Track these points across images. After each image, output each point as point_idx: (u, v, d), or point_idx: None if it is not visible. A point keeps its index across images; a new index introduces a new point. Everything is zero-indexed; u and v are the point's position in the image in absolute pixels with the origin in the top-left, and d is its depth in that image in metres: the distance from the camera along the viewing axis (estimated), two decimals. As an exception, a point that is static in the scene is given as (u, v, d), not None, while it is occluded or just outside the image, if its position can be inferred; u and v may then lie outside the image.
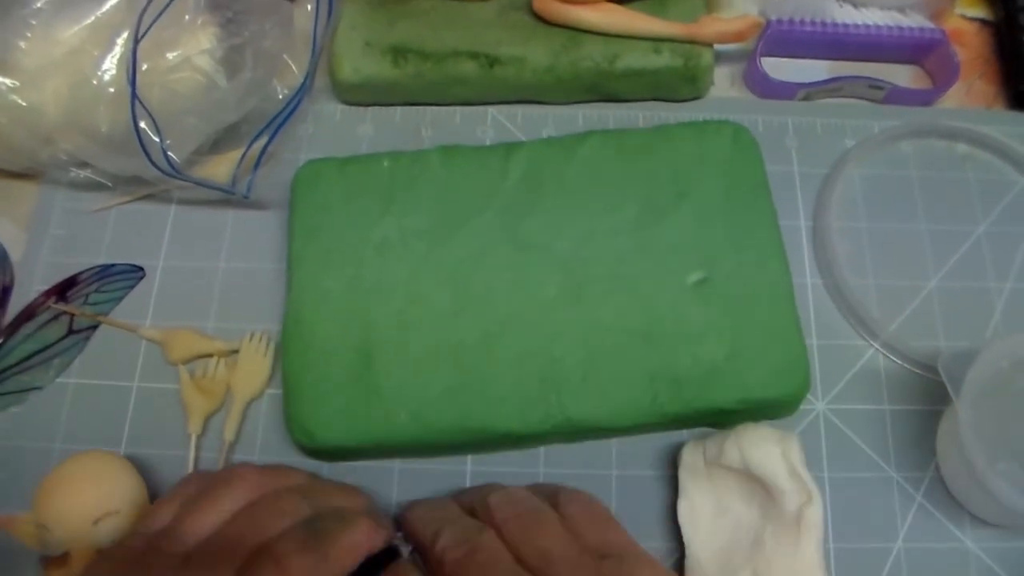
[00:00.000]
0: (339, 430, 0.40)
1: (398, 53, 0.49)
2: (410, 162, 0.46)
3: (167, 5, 0.42)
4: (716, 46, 0.51)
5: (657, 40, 0.50)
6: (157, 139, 0.43)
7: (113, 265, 0.46)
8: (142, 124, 0.42)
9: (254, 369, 0.44)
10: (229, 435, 0.42)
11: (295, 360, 0.41)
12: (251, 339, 0.44)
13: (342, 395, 0.40)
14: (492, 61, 0.49)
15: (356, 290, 0.43)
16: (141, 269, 0.46)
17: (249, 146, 0.46)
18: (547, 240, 0.44)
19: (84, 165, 0.46)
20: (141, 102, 0.42)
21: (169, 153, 0.44)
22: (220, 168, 0.47)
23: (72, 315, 0.45)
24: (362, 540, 0.33)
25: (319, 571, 0.31)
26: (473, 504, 0.36)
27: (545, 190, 0.45)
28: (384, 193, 0.45)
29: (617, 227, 0.44)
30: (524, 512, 0.34)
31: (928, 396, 0.44)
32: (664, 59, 0.49)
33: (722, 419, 0.42)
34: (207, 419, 0.43)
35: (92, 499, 0.37)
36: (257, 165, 0.46)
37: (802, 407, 0.43)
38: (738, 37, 0.50)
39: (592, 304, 0.42)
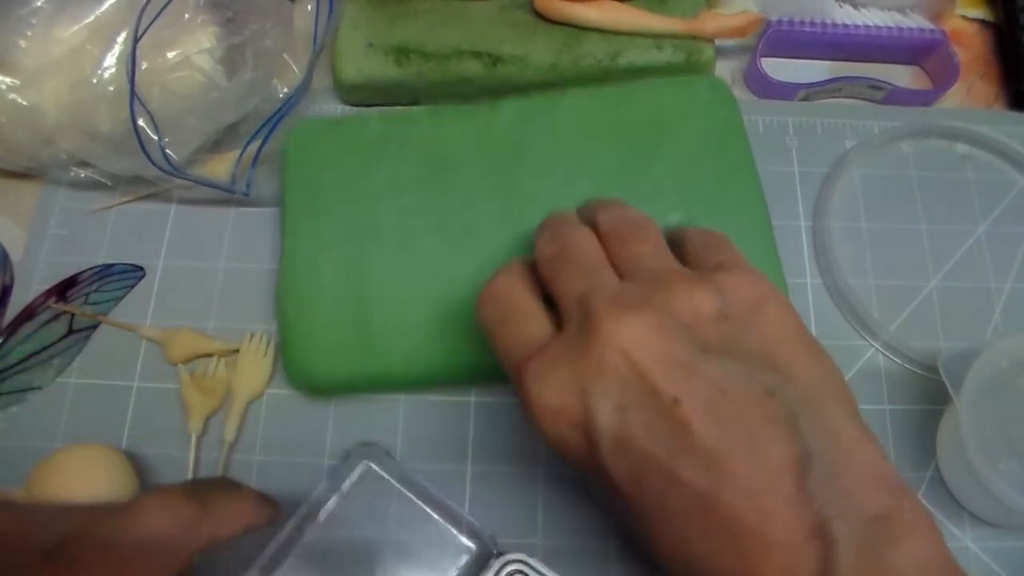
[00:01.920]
0: (334, 369, 0.42)
1: (400, 53, 0.49)
2: (399, 119, 0.47)
3: (166, 4, 0.42)
4: (717, 44, 0.51)
5: (658, 36, 0.50)
6: (156, 137, 0.43)
7: (113, 265, 0.46)
8: (140, 122, 0.42)
9: (254, 369, 0.44)
10: (229, 435, 0.42)
11: (290, 306, 0.43)
12: (251, 339, 0.44)
13: (338, 337, 0.42)
14: (495, 60, 0.49)
15: (350, 238, 0.44)
16: (141, 269, 0.46)
17: (247, 145, 0.46)
18: (532, 187, 0.45)
19: (85, 165, 0.46)
20: (141, 100, 0.42)
21: (168, 151, 0.44)
22: (220, 167, 0.47)
23: (72, 315, 0.45)
24: (247, 510, 0.33)
25: (202, 522, 0.31)
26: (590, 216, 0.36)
27: (529, 141, 0.46)
28: (375, 148, 0.46)
29: (598, 174, 0.45)
30: (627, 225, 0.34)
31: (928, 396, 0.44)
32: (666, 55, 0.50)
33: None
34: (207, 419, 0.43)
35: (84, 487, 0.37)
36: (255, 163, 0.46)
37: (802, 407, 0.43)
38: (739, 32, 0.50)
39: None
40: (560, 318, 0.31)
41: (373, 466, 0.40)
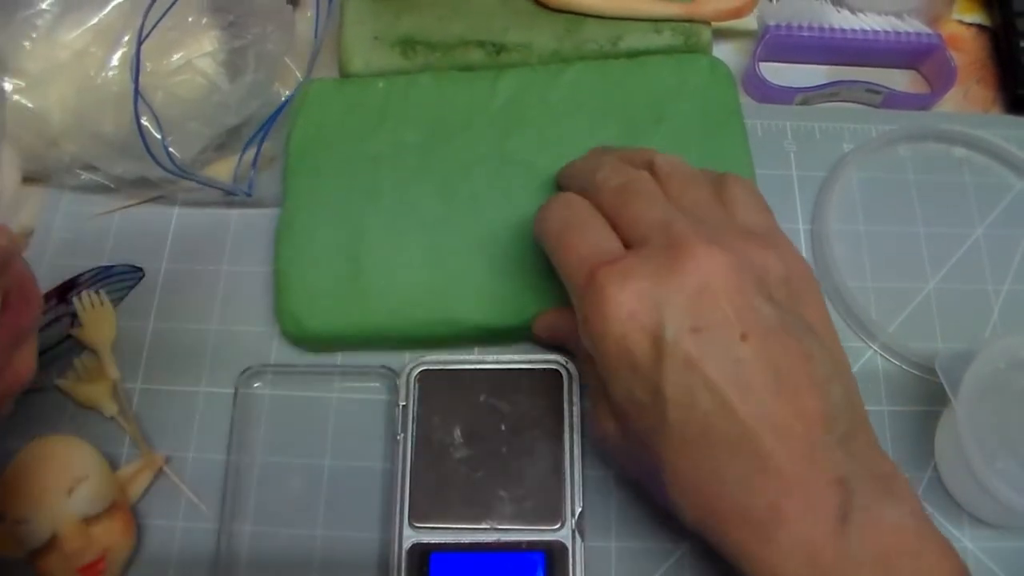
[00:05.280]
0: (325, 319, 0.43)
1: (407, 45, 0.50)
2: (404, 84, 0.49)
3: (170, 7, 0.43)
4: (714, 46, 0.52)
5: (657, 21, 0.51)
6: (160, 136, 0.43)
7: (112, 266, 0.46)
8: (144, 121, 0.42)
9: (98, 318, 0.45)
10: (113, 373, 0.43)
11: (287, 260, 0.44)
12: (80, 299, 0.45)
13: (330, 289, 0.43)
14: (499, 48, 0.50)
15: (349, 197, 0.45)
16: (140, 270, 0.47)
17: (246, 146, 0.47)
18: (530, 157, 0.46)
19: (89, 167, 0.46)
20: (145, 101, 0.42)
21: (171, 149, 0.44)
22: (223, 171, 0.47)
23: (72, 316, 0.45)
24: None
25: None
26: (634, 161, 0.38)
27: (530, 111, 0.48)
28: (378, 111, 0.48)
29: (596, 145, 0.46)
30: (684, 174, 0.36)
31: (926, 397, 0.44)
32: (665, 39, 0.51)
33: None
34: (113, 395, 0.43)
35: (59, 472, 0.38)
36: (255, 162, 0.46)
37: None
38: (736, 14, 0.51)
39: None
40: (628, 243, 0.34)
41: None
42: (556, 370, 0.41)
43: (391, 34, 0.50)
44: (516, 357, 0.42)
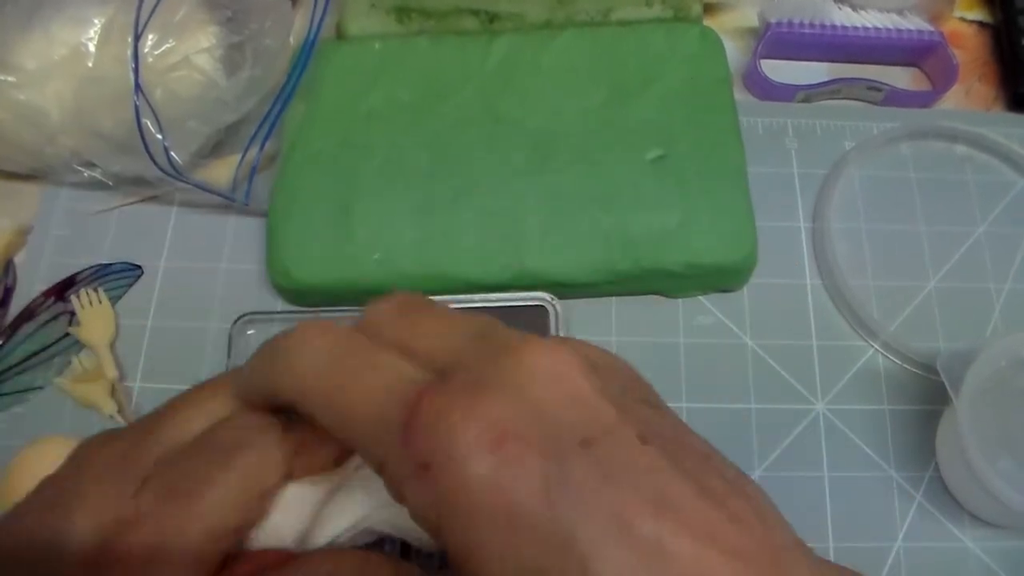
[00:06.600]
0: (314, 270, 0.44)
1: (402, 12, 0.51)
2: (399, 45, 0.50)
3: (157, 3, 0.43)
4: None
5: None
6: (160, 137, 0.43)
7: (110, 264, 0.46)
8: (145, 121, 0.42)
9: (97, 317, 0.45)
10: (111, 372, 0.43)
11: (280, 210, 0.45)
12: (79, 297, 0.45)
13: (320, 241, 0.44)
14: (491, 17, 0.51)
15: (342, 152, 0.46)
16: (139, 267, 0.46)
17: (247, 148, 0.46)
18: (520, 116, 0.47)
19: (89, 164, 0.46)
20: (145, 97, 0.42)
21: (171, 153, 0.44)
22: (222, 172, 0.47)
23: (71, 313, 0.45)
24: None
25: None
26: None
27: (521, 73, 0.49)
28: (374, 70, 0.49)
29: (585, 108, 0.47)
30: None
31: (927, 396, 0.44)
32: (655, 11, 0.51)
33: (671, 283, 0.45)
34: (112, 394, 0.43)
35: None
36: (255, 169, 0.46)
37: (801, 407, 0.44)
38: None
39: (556, 172, 0.45)
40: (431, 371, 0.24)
41: None
42: (542, 306, 0.42)
43: (388, 1, 0.51)
44: (503, 296, 0.43)
